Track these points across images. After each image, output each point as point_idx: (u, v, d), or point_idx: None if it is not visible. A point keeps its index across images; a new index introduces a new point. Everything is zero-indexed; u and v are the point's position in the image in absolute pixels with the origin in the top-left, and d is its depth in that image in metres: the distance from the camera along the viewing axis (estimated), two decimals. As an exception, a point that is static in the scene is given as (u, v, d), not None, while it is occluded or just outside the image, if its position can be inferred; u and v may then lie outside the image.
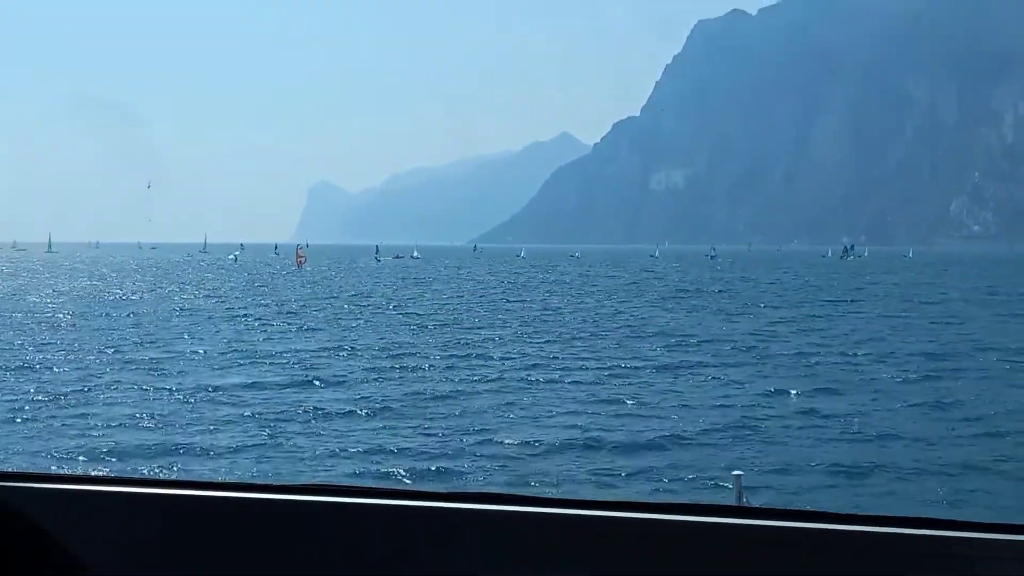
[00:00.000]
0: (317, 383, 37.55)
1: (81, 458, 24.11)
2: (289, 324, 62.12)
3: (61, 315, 66.88)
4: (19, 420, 28.60)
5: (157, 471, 24.08)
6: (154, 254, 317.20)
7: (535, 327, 60.71)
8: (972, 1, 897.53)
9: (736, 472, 8.81)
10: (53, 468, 23.00)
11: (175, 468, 23.07)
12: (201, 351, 46.27)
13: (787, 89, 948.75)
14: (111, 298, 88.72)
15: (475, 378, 38.88)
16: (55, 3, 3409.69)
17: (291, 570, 2.82)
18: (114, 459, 23.73)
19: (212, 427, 28.21)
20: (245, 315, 69.03)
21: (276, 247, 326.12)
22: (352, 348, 48.67)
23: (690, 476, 23.57)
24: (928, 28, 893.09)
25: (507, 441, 26.87)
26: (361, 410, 31.28)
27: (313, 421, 29.79)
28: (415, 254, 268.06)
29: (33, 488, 2.83)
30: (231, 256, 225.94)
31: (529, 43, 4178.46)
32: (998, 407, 33.73)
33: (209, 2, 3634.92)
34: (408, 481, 22.99)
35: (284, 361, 43.45)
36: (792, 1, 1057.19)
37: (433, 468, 23.68)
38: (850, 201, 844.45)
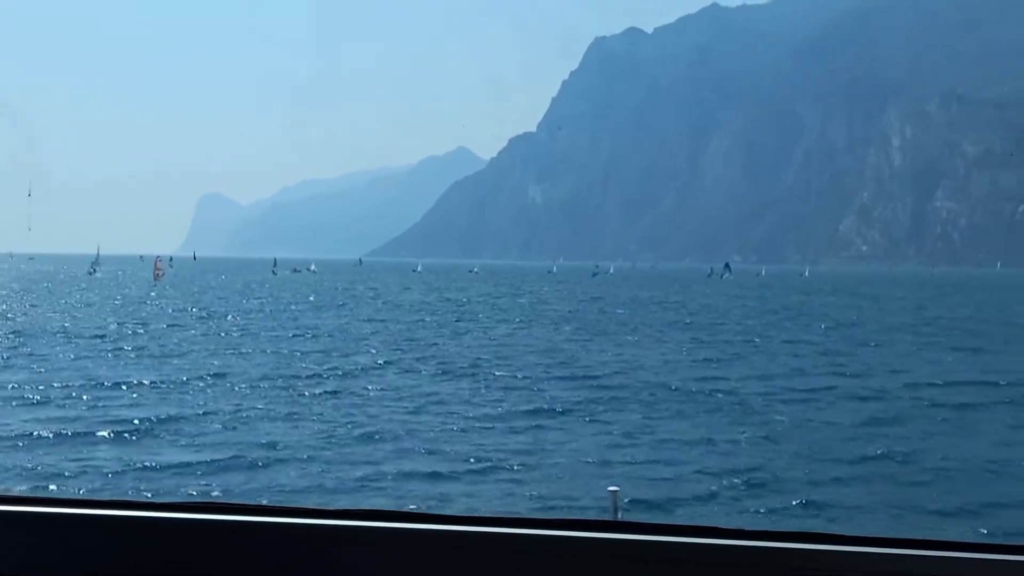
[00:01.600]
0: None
1: None
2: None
3: None
4: None
5: None
6: (29, 266, 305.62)
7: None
8: (863, 32, 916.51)
9: (612, 488, 8.27)
10: None
11: None
12: None
13: (681, 109, 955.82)
14: None
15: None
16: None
17: None
18: None
19: None
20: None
21: (141, 257, 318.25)
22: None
23: (567, 491, 24.80)
24: (820, 55, 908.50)
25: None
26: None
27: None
28: (312, 267, 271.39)
29: None
30: (90, 270, 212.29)
31: (427, 56, 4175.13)
32: (855, 416, 37.77)
33: (101, 4, 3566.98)
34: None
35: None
36: (688, 22, 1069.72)
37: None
38: (742, 221, 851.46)
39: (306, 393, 42.03)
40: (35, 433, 31.36)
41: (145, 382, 44.45)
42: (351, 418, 35.46)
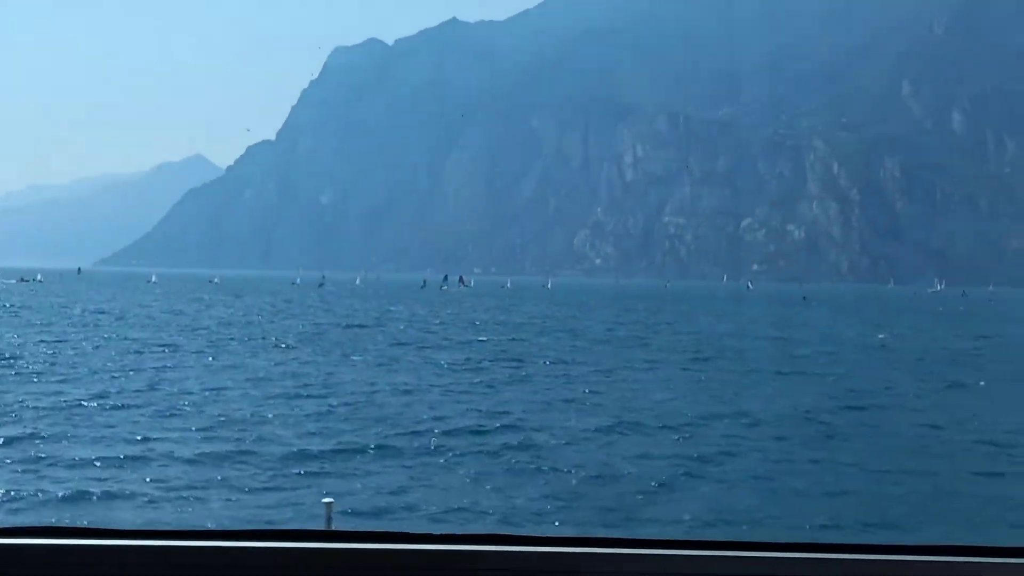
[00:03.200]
0: None
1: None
2: None
3: None
4: None
5: None
6: None
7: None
8: (597, 52, 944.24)
9: (326, 500, 8.85)
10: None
11: None
12: None
13: (423, 122, 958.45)
14: None
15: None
16: None
17: None
18: None
19: None
20: None
21: None
22: None
23: (281, 503, 25.52)
24: (556, 74, 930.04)
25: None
26: None
27: None
28: (38, 277, 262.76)
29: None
30: None
31: (160, 59, 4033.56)
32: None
33: None
34: None
35: None
36: (428, 36, 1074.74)
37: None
38: (483, 234, 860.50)
39: None
40: None
41: None
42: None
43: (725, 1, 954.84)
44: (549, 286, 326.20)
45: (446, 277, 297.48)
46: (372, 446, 33.95)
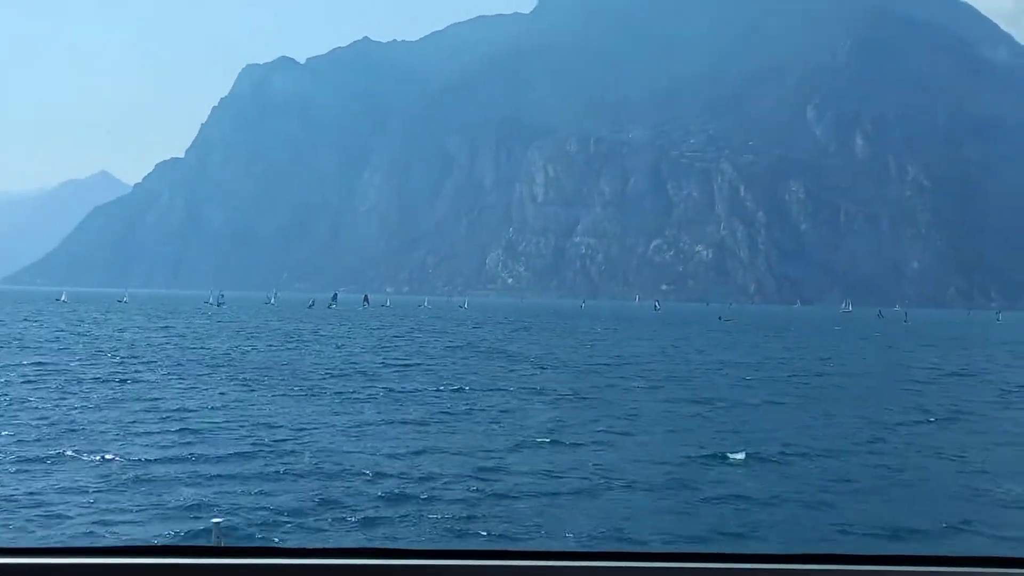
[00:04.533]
0: None
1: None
2: None
3: None
4: None
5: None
6: None
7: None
8: (509, 74, 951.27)
9: (215, 520, 8.95)
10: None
11: None
12: None
13: (335, 140, 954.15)
14: None
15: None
16: None
17: None
18: None
19: None
20: None
21: None
22: None
23: (169, 521, 25.60)
24: (468, 94, 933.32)
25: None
26: None
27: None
28: None
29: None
30: None
31: (66, 73, 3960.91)
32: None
33: None
34: None
35: None
36: (340, 55, 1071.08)
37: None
38: (394, 253, 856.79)
39: None
40: None
41: None
42: None
43: (636, 26, 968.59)
44: (465, 305, 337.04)
45: (335, 296, 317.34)
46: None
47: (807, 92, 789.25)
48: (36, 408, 47.92)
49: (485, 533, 25.59)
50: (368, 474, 32.64)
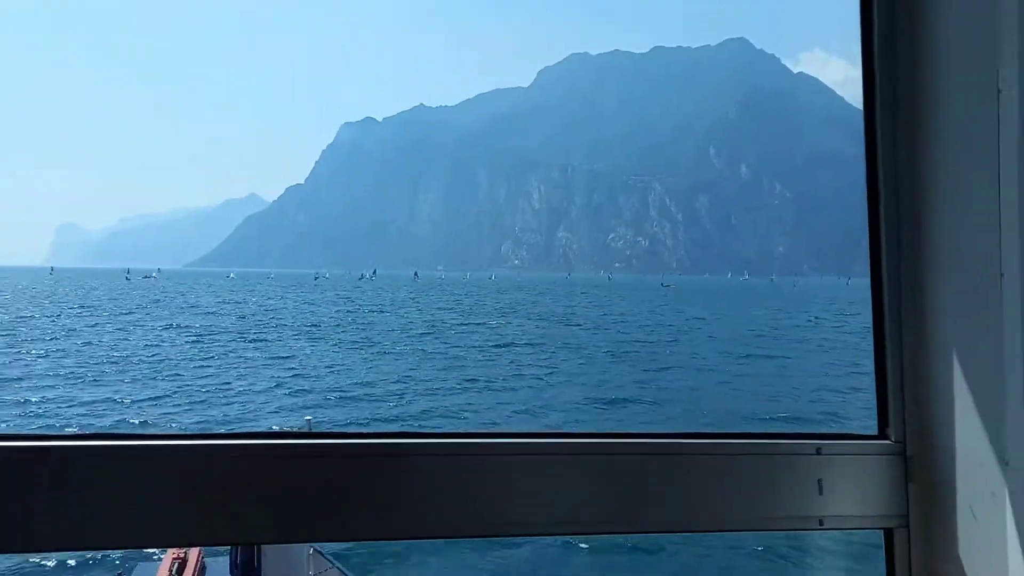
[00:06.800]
0: None
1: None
2: None
3: None
4: None
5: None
6: None
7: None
8: (514, 124, 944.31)
9: (307, 417, 6.70)
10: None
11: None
12: None
13: (400, 172, 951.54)
14: None
15: None
16: None
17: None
18: None
19: None
20: None
21: None
22: None
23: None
24: (490, 142, 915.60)
25: None
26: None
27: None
28: (154, 274, 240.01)
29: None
30: None
31: (223, 122, 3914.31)
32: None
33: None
34: None
35: None
36: (403, 116, 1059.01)
37: None
38: (442, 244, 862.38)
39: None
40: None
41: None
42: None
43: (600, 95, 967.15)
44: (492, 278, 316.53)
45: (374, 271, 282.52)
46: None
47: (710, 138, 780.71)
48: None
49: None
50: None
